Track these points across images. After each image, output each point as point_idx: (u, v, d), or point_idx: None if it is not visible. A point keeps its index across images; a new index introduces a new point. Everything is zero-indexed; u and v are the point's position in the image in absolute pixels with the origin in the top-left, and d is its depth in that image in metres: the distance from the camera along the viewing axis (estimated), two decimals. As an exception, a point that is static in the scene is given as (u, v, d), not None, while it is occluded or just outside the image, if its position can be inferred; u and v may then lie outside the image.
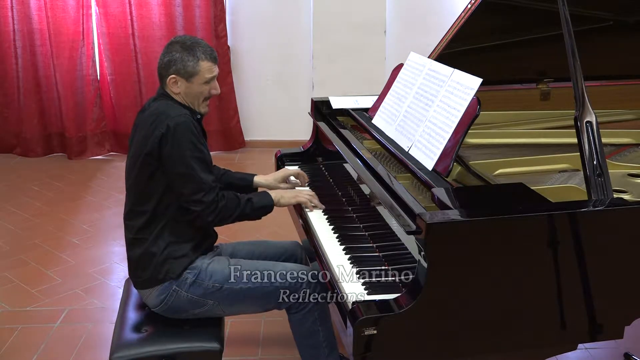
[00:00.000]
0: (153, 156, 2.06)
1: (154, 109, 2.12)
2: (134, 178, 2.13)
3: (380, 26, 5.44)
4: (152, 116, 2.09)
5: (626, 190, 2.10)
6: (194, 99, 2.17)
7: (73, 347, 2.80)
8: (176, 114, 2.06)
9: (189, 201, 2.06)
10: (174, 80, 2.12)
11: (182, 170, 2.04)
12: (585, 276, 1.72)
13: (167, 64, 2.12)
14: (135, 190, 2.15)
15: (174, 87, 2.14)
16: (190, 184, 2.05)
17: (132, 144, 2.16)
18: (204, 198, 2.05)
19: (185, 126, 2.05)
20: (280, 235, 2.61)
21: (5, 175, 5.08)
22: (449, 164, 1.94)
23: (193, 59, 2.11)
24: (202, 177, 2.05)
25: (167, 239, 2.11)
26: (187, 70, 2.11)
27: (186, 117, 2.07)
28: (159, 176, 2.08)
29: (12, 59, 5.33)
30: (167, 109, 2.09)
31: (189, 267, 2.12)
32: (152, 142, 2.05)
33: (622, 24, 2.72)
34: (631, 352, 2.68)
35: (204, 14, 5.28)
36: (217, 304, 2.14)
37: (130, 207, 2.17)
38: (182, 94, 2.15)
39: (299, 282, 2.15)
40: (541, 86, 2.87)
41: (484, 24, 2.62)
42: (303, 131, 5.26)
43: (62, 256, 3.68)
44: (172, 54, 2.11)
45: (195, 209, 2.06)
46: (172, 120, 2.04)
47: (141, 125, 2.13)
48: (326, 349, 2.20)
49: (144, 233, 2.12)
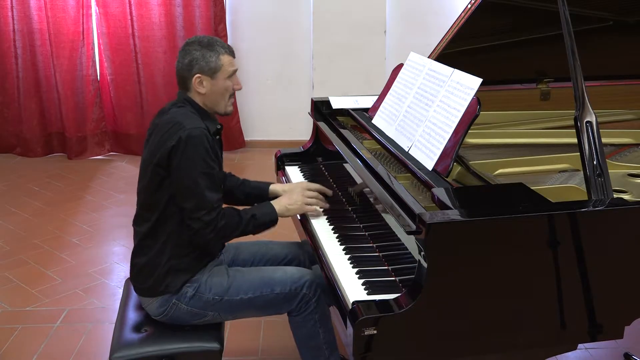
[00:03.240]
0: (162, 166, 2.03)
1: (171, 117, 2.08)
2: (143, 184, 2.12)
3: (380, 26, 5.44)
4: (168, 124, 2.06)
5: (626, 190, 2.10)
6: (220, 98, 2.14)
7: (73, 347, 2.80)
8: (191, 126, 2.01)
9: (190, 217, 2.02)
10: (199, 79, 2.10)
11: (187, 184, 2.00)
12: (585, 276, 1.72)
13: (189, 64, 2.09)
14: (142, 197, 2.13)
15: (200, 87, 2.11)
16: (193, 200, 2.01)
17: (146, 147, 2.13)
18: (204, 217, 2.01)
19: (198, 140, 2.00)
20: (280, 235, 2.60)
21: (5, 175, 5.08)
22: (449, 164, 1.94)
23: (214, 54, 2.09)
24: (206, 194, 2.01)
25: (170, 251, 2.09)
26: (210, 67, 2.09)
27: (200, 131, 2.02)
28: (166, 186, 2.05)
29: (12, 59, 5.34)
30: (183, 119, 2.05)
31: (189, 281, 2.11)
32: (162, 153, 2.02)
33: (622, 24, 2.72)
34: (631, 352, 2.68)
35: (204, 14, 5.28)
36: (218, 315, 2.14)
37: (138, 212, 2.16)
38: (208, 93, 2.12)
39: (298, 288, 2.13)
40: (541, 86, 2.87)
41: (484, 24, 2.62)
42: (303, 131, 5.27)
43: (62, 256, 3.68)
44: (192, 54, 2.09)
45: (194, 226, 2.02)
46: (185, 132, 2.00)
47: (157, 130, 2.10)
48: (327, 350, 2.20)
49: (148, 241, 2.11)
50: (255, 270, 2.21)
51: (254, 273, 2.18)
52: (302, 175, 2.75)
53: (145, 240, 2.11)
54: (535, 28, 2.69)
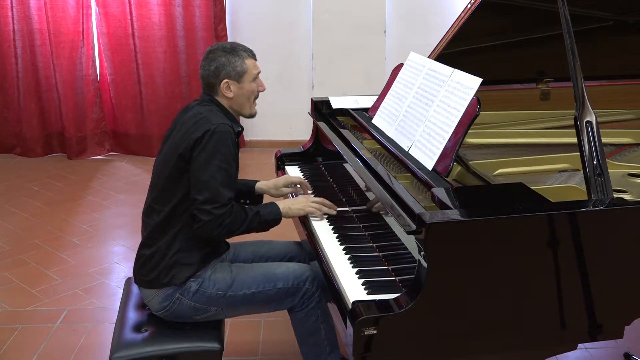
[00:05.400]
0: (184, 158, 2.06)
1: (197, 112, 2.13)
2: (161, 176, 2.14)
3: (380, 26, 5.44)
4: (194, 118, 2.10)
5: (626, 190, 2.10)
6: (246, 101, 2.20)
7: (73, 347, 2.80)
8: (217, 122, 2.06)
9: (199, 208, 2.03)
10: (227, 84, 2.15)
11: (204, 176, 2.02)
12: (585, 276, 1.72)
13: (216, 70, 2.14)
14: (159, 188, 2.14)
15: (227, 92, 2.16)
16: (207, 192, 2.02)
17: (167, 142, 2.17)
18: (214, 210, 2.02)
19: (223, 135, 2.04)
20: (281, 235, 2.61)
21: (5, 175, 5.08)
22: (449, 164, 1.94)
23: (239, 59, 2.16)
24: (221, 190, 2.03)
25: (179, 244, 2.10)
26: (237, 71, 2.15)
27: (226, 128, 2.07)
28: (184, 180, 2.08)
29: (12, 59, 5.33)
30: (210, 115, 2.10)
31: (194, 276, 2.12)
32: (186, 144, 2.05)
33: (622, 24, 2.72)
34: (631, 352, 2.68)
35: (204, 14, 5.28)
36: (220, 310, 2.15)
37: (150, 204, 2.17)
38: (235, 97, 2.17)
39: (301, 283, 2.15)
40: (541, 86, 2.87)
41: (484, 24, 2.62)
42: (303, 131, 5.27)
43: (62, 256, 3.68)
44: (218, 60, 2.14)
45: (202, 217, 2.02)
46: (211, 126, 2.04)
47: (180, 125, 2.14)
48: (328, 347, 2.21)
49: (157, 233, 2.12)
50: (257, 266, 2.23)
51: (256, 269, 2.20)
52: (302, 175, 2.75)
53: (154, 232, 2.13)
54: (535, 28, 2.69)
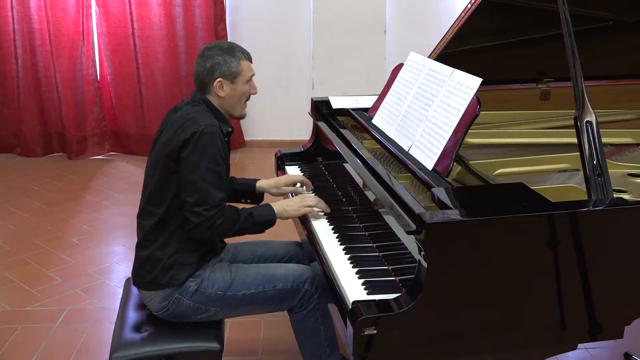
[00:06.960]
0: (172, 159, 2.06)
1: (185, 113, 2.12)
2: (151, 178, 2.14)
3: (380, 26, 5.44)
4: (181, 119, 2.10)
5: (626, 190, 2.10)
6: (237, 102, 2.20)
7: (73, 347, 2.80)
8: (205, 123, 2.05)
9: (190, 211, 2.03)
10: (220, 83, 2.15)
11: (194, 178, 2.02)
12: (585, 276, 1.72)
13: (211, 69, 2.14)
14: (150, 190, 2.14)
15: (220, 90, 2.15)
16: (197, 194, 2.02)
17: (157, 143, 2.16)
18: (205, 212, 2.01)
19: (211, 137, 2.04)
20: (281, 235, 2.61)
21: (5, 175, 5.08)
22: (449, 164, 1.94)
23: (235, 59, 2.15)
24: (211, 191, 2.02)
25: (175, 245, 2.10)
26: (231, 72, 2.15)
27: (214, 129, 2.06)
28: (173, 181, 2.07)
29: (12, 59, 5.33)
30: (198, 115, 2.09)
31: (192, 276, 2.12)
32: (174, 145, 2.05)
33: (622, 24, 2.72)
34: (631, 352, 2.68)
35: (204, 14, 5.28)
36: (220, 310, 2.14)
37: (144, 206, 2.17)
38: (227, 97, 2.17)
39: (300, 283, 2.15)
40: (541, 86, 2.87)
41: (484, 24, 2.62)
42: (303, 131, 5.26)
43: (62, 256, 3.68)
44: (214, 58, 2.14)
45: (193, 220, 2.02)
46: (199, 128, 2.03)
47: (169, 126, 2.13)
48: (328, 348, 2.21)
49: (153, 235, 2.12)
50: (257, 267, 2.22)
51: (256, 269, 2.20)
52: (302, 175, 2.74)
53: (150, 233, 2.13)
54: (535, 28, 2.69)
